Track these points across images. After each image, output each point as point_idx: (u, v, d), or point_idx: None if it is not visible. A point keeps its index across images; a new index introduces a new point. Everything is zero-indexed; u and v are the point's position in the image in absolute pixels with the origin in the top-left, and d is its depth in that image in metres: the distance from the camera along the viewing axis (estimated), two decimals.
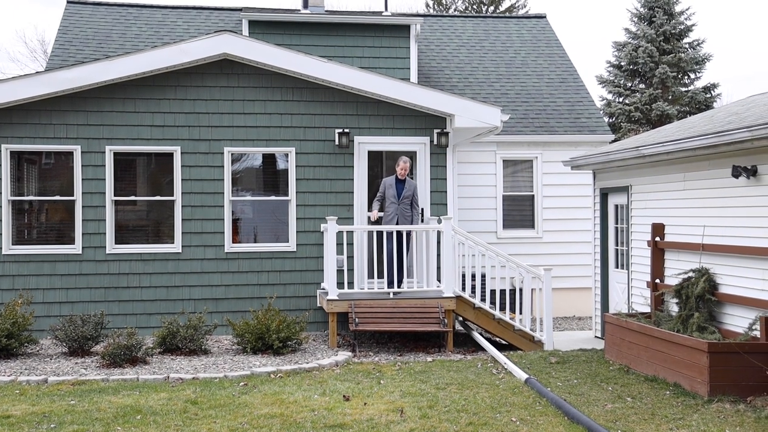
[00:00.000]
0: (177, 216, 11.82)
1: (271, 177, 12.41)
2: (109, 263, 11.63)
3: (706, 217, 9.42)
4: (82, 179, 11.59)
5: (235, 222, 12.15)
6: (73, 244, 11.57)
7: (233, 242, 11.98)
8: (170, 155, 11.85)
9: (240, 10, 17.34)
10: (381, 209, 11.56)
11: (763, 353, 7.94)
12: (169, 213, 11.90)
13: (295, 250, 12.04)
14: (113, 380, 8.82)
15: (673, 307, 9.80)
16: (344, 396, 8.04)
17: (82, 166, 11.59)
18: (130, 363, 9.59)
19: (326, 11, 16.50)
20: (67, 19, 17.49)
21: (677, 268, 9.89)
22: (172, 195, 11.83)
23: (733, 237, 8.89)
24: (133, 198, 11.90)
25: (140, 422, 7.10)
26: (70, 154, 11.63)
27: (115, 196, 11.71)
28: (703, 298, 9.12)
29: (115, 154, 11.73)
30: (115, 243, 11.70)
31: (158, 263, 11.74)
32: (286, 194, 12.11)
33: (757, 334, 8.24)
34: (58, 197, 11.65)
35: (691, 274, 9.41)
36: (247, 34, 15.27)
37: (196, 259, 11.83)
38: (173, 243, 11.82)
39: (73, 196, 11.59)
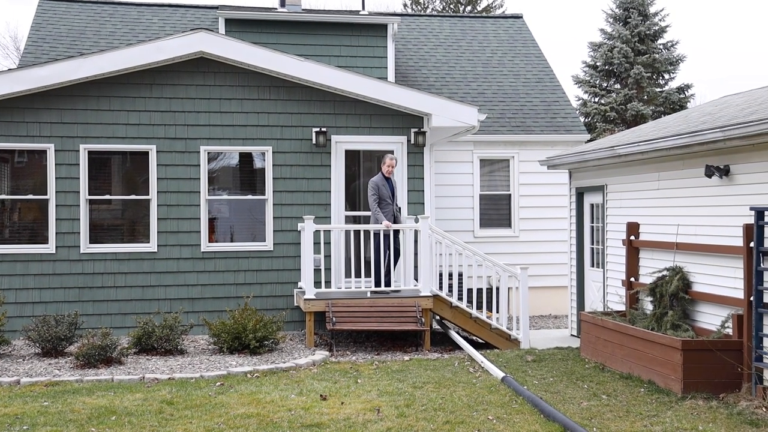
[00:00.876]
0: (152, 215, 11.72)
1: (247, 176, 12.36)
2: (84, 263, 11.52)
3: (679, 216, 9.53)
4: (56, 178, 11.46)
5: (212, 221, 12.08)
6: (47, 243, 11.44)
7: (209, 241, 11.92)
8: (146, 154, 11.76)
9: (216, 8, 17.24)
10: None
11: (735, 350, 8.05)
12: (144, 212, 11.80)
13: (272, 249, 12.00)
14: (87, 381, 8.73)
15: (647, 305, 9.89)
16: (321, 395, 8.03)
17: (55, 164, 11.45)
18: (104, 363, 9.50)
19: (303, 10, 16.45)
20: (40, 15, 17.29)
21: (652, 266, 9.99)
22: (148, 194, 11.74)
23: (706, 236, 8.99)
24: (108, 197, 11.79)
25: (115, 423, 7.04)
26: (44, 152, 11.49)
27: (89, 195, 11.59)
28: (677, 296, 9.22)
29: (90, 152, 11.61)
30: (90, 242, 11.58)
31: (133, 263, 11.65)
32: (263, 193, 12.07)
33: (730, 331, 8.34)
34: (31, 196, 11.50)
35: (665, 272, 9.51)
36: (224, 33, 15.19)
37: (171, 259, 11.74)
38: (149, 242, 11.73)
39: (46, 195, 11.45)
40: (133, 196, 11.81)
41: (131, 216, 11.96)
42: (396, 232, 11.31)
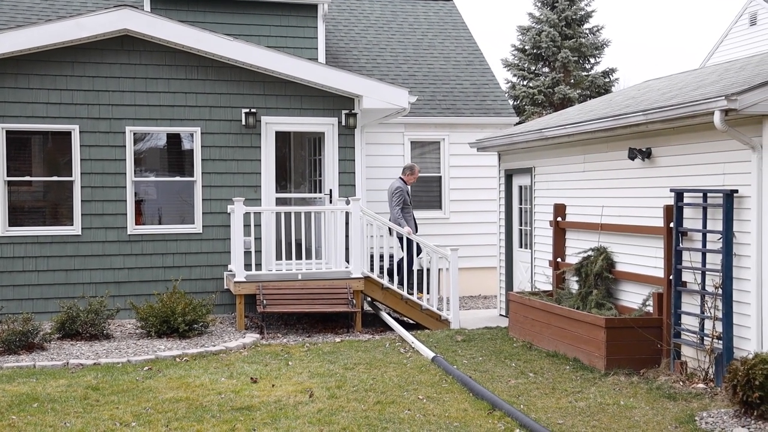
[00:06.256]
0: (76, 197, 11.39)
1: (175, 157, 12.11)
2: (3, 246, 11.12)
3: (604, 198, 9.78)
4: None
5: (139, 203, 11.82)
6: None
7: (136, 224, 11.66)
8: (68, 134, 11.39)
9: None
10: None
11: (655, 327, 8.34)
12: (67, 194, 11.45)
13: (201, 231, 11.82)
14: (7, 368, 8.47)
15: (573, 284, 10.15)
16: (252, 378, 7.98)
17: None
18: (26, 350, 9.22)
19: None
20: None
21: (578, 247, 10.23)
22: (71, 175, 11.39)
23: (629, 217, 9.26)
24: (28, 178, 11.40)
25: (37, 410, 6.85)
26: None
27: (8, 176, 11.18)
28: (601, 275, 9.48)
29: (8, 132, 11.19)
30: (9, 225, 11.19)
31: (56, 246, 11.31)
32: (192, 175, 11.86)
33: (650, 309, 8.63)
34: None
35: (590, 252, 9.76)
36: (149, 10, 14.75)
37: (97, 242, 11.45)
38: (72, 225, 11.40)
39: None
40: (55, 178, 11.45)
41: (54, 198, 11.59)
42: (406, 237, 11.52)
